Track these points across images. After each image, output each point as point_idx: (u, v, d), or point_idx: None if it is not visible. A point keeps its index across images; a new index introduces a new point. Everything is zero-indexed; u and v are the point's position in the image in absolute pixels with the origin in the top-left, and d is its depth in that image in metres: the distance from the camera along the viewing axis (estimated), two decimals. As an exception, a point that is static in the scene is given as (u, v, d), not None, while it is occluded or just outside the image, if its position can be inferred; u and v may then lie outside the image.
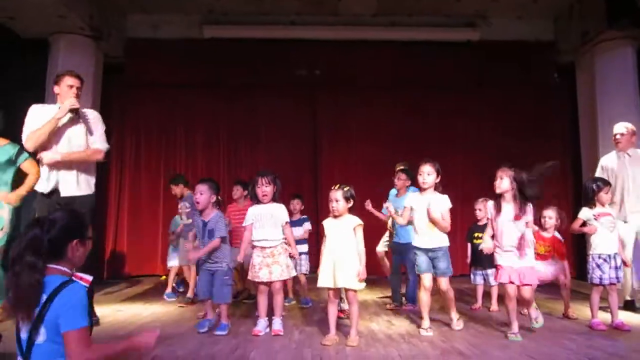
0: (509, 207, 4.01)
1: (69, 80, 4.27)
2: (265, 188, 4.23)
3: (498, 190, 4.05)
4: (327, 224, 4.03)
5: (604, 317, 4.49)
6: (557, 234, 4.87)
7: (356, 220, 3.95)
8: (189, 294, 5.69)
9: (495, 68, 8.22)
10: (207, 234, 4.24)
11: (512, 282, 3.97)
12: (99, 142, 4.38)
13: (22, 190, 4.40)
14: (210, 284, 4.25)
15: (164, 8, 8.09)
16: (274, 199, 4.28)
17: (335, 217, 3.99)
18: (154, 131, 8.58)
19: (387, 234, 5.63)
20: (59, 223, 2.08)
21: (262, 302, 4.17)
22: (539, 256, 4.77)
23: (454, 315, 4.31)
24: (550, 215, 4.79)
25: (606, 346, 3.68)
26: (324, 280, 3.89)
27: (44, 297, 1.97)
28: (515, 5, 8.07)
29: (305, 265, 5.65)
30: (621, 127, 5.28)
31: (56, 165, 4.20)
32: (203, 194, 4.24)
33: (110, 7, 7.63)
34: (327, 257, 3.91)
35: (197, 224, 4.37)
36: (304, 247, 5.65)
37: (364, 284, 3.88)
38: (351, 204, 3.97)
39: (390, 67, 8.27)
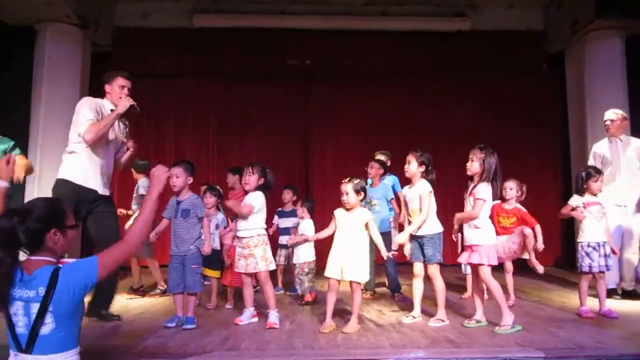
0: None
1: (121, 81, 4.37)
2: (246, 177, 4.15)
3: (469, 172, 4.04)
4: (339, 214, 4.01)
5: (591, 304, 4.52)
6: (519, 206, 4.83)
7: (368, 215, 4.00)
8: (160, 286, 5.70)
9: (486, 58, 8.24)
10: (180, 213, 4.10)
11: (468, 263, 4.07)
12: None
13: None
14: (182, 274, 4.08)
15: (153, -4, 8.02)
16: (257, 188, 4.14)
17: (347, 209, 3.98)
18: (143, 121, 8.48)
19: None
20: (34, 213, 2.03)
21: (245, 292, 4.15)
22: (503, 229, 4.74)
23: (442, 312, 4.10)
24: (511, 187, 4.75)
25: (594, 333, 3.71)
26: (332, 271, 3.91)
27: (42, 289, 1.94)
28: (506, -6, 8.09)
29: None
30: (611, 114, 5.37)
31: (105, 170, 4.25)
32: (179, 177, 4.12)
33: (98, -5, 7.54)
34: (337, 249, 3.93)
35: (171, 205, 4.21)
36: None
37: (368, 277, 3.97)
38: (362, 196, 3.98)
39: (382, 57, 8.26)
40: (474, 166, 4.00)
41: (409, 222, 4.29)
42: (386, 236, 5.49)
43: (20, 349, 1.95)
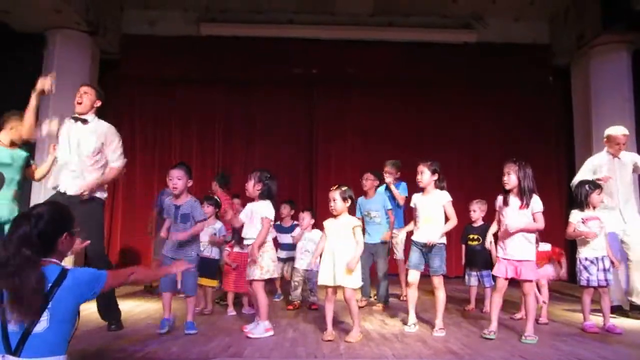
0: (514, 199, 4.04)
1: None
2: (247, 183, 4.17)
3: (508, 187, 4.03)
4: (327, 224, 4.05)
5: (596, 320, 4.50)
6: (544, 247, 4.79)
7: (355, 221, 4.02)
8: None
9: (492, 69, 8.27)
10: (180, 218, 4.12)
11: (506, 278, 3.99)
12: (113, 160, 4.27)
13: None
14: (174, 276, 4.16)
15: (161, 4, 8.09)
16: (262, 197, 4.13)
17: (334, 216, 4.01)
18: (149, 126, 8.57)
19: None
20: (46, 217, 2.05)
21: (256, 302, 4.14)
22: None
23: (439, 321, 4.16)
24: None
25: (598, 348, 3.69)
26: (324, 278, 3.92)
27: (48, 286, 1.96)
28: (512, 7, 8.13)
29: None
30: (625, 130, 5.28)
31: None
32: (181, 179, 4.14)
33: (106, 2, 7.61)
34: (327, 256, 3.94)
35: (169, 208, 4.23)
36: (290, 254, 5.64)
37: (361, 283, 3.95)
38: (349, 203, 4.01)
39: (387, 66, 8.29)
40: (511, 179, 4.01)
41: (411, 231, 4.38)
42: (385, 246, 5.50)
43: (9, 349, 1.92)
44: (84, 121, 4.20)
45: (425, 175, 4.25)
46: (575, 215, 4.50)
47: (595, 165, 5.36)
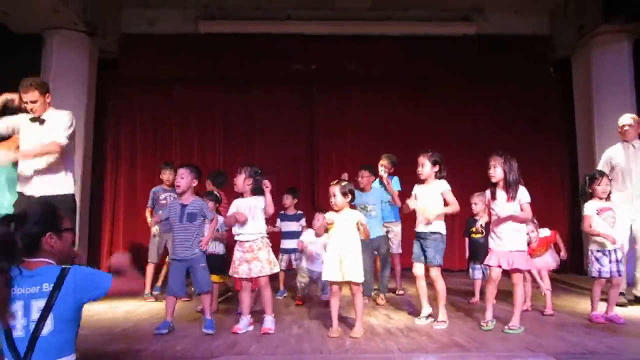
0: (502, 192, 4.06)
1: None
2: (235, 178, 4.15)
3: (494, 180, 4.06)
4: (330, 217, 4.04)
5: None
6: (543, 233, 4.82)
7: (358, 215, 4.03)
8: (148, 290, 5.69)
9: (492, 62, 8.23)
10: (186, 217, 4.10)
11: (499, 266, 4.00)
12: (58, 136, 4.17)
13: None
14: (183, 279, 4.15)
15: (160, 3, 8.07)
16: (254, 192, 4.11)
17: (336, 211, 4.00)
18: (149, 126, 8.53)
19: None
20: (30, 218, 2.05)
21: (244, 299, 4.07)
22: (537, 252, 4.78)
23: (442, 314, 4.16)
24: (531, 229, 4.65)
25: (605, 338, 3.68)
26: (331, 274, 3.91)
27: (50, 286, 1.94)
28: (512, 0, 8.07)
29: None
30: (628, 118, 5.28)
31: (26, 165, 4.14)
32: (184, 177, 4.15)
33: (105, 2, 7.59)
34: (332, 252, 3.94)
35: (174, 207, 4.20)
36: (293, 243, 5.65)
37: (363, 277, 3.95)
38: (349, 198, 4.00)
39: (387, 61, 8.26)
40: (497, 172, 4.03)
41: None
42: (382, 240, 5.48)
43: (18, 356, 1.91)
44: (42, 121, 4.19)
45: (425, 168, 4.23)
46: (590, 208, 4.43)
47: (609, 157, 5.33)
